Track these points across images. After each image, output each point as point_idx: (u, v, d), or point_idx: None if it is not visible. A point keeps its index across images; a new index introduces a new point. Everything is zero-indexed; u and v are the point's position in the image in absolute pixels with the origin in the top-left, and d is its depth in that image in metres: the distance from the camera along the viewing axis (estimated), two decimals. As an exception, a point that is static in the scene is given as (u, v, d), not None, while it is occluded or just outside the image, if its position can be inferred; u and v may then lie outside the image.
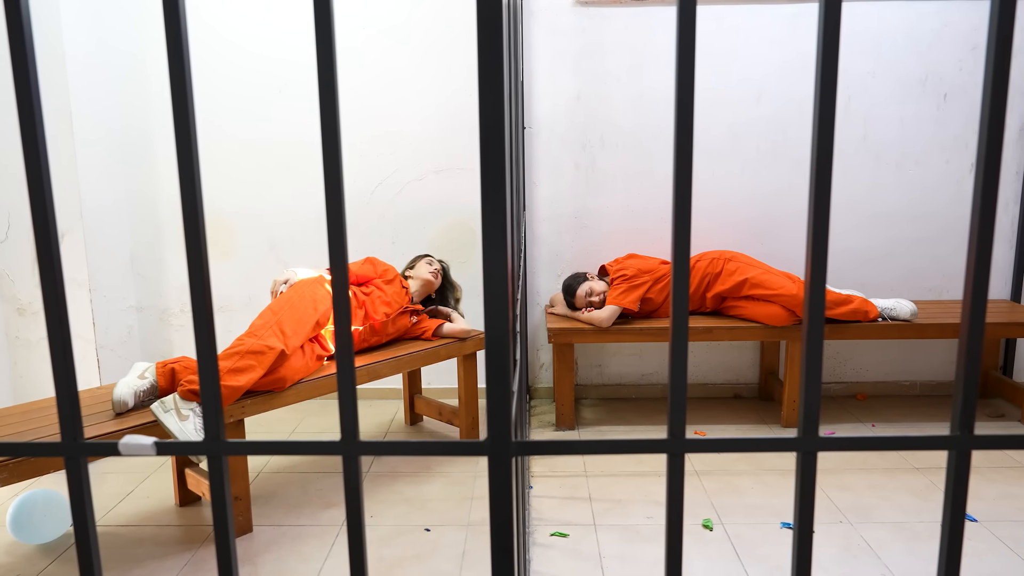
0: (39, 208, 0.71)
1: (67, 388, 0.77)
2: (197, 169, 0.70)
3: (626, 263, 3.17)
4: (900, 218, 3.44)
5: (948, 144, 3.38)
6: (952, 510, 0.77)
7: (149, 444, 0.76)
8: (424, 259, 3.08)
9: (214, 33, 3.32)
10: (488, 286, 0.70)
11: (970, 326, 0.72)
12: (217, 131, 3.39)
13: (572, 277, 3.20)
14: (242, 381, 2.15)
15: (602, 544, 2.20)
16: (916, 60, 3.31)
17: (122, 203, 3.40)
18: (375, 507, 2.46)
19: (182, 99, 0.68)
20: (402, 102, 3.38)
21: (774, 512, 2.39)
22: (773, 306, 3.04)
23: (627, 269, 3.12)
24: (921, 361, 3.58)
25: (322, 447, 0.77)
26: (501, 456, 0.74)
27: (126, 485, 2.65)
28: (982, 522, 2.30)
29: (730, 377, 3.63)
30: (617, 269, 3.15)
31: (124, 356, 3.47)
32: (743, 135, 3.38)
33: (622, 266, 3.15)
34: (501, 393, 0.73)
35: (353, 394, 0.76)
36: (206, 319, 0.75)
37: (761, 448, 0.77)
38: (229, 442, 0.77)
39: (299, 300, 2.46)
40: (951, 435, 0.76)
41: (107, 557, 2.17)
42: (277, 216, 3.47)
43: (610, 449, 0.77)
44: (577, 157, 3.42)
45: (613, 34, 3.31)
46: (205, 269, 0.73)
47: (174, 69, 0.68)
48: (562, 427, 3.19)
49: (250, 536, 2.28)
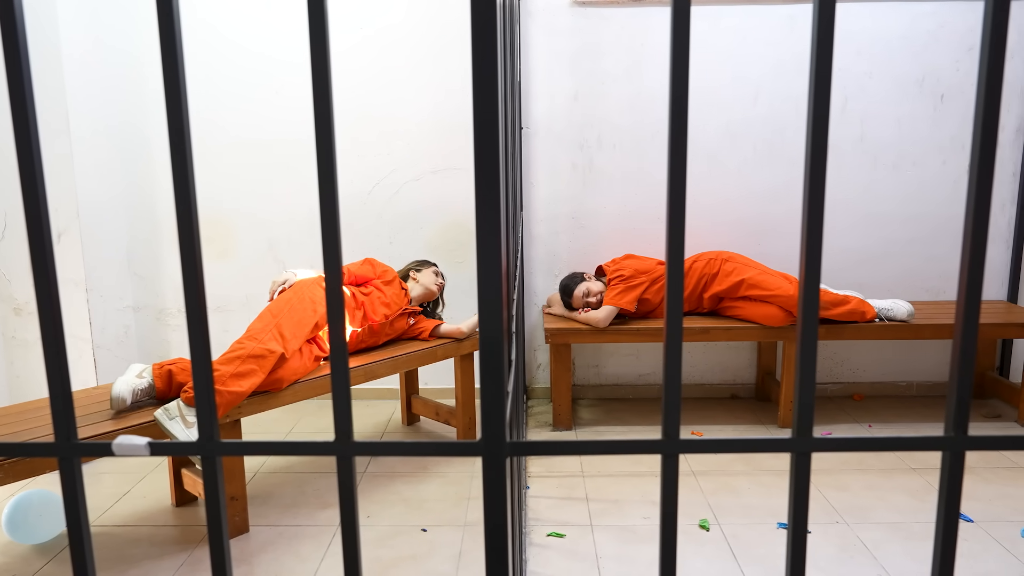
0: (32, 208, 0.71)
1: (61, 388, 0.77)
2: (191, 168, 0.70)
3: (623, 264, 3.17)
4: (897, 218, 3.44)
5: (945, 144, 3.38)
6: (946, 510, 0.77)
7: (143, 444, 0.76)
8: (432, 268, 3.07)
9: (213, 32, 3.31)
10: (483, 288, 0.70)
11: (964, 327, 0.72)
12: (216, 131, 3.39)
13: (569, 277, 3.20)
14: (245, 387, 2.15)
15: (599, 544, 2.20)
16: (913, 61, 3.31)
17: (119, 202, 3.40)
18: (372, 507, 2.46)
19: (176, 98, 0.68)
20: (399, 102, 3.38)
21: (771, 512, 2.39)
22: (770, 306, 3.04)
23: (624, 270, 3.12)
24: (918, 362, 3.58)
25: (316, 447, 0.77)
26: (495, 456, 0.74)
27: (122, 485, 2.64)
28: (978, 523, 2.31)
29: (727, 377, 3.63)
30: (614, 270, 3.15)
31: (121, 356, 3.47)
32: (740, 135, 3.38)
33: (619, 267, 3.15)
34: (496, 393, 0.73)
35: (347, 394, 0.76)
36: (200, 319, 0.75)
37: (755, 449, 0.77)
38: (223, 443, 0.77)
39: (298, 302, 2.45)
40: (945, 436, 0.76)
41: (103, 557, 2.16)
42: (275, 216, 3.47)
43: (605, 450, 0.77)
44: (574, 157, 3.42)
45: (610, 34, 3.31)
46: (199, 271, 0.73)
47: (168, 68, 0.68)
48: (559, 427, 3.19)
49: (246, 536, 2.27)
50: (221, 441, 0.77)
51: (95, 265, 3.30)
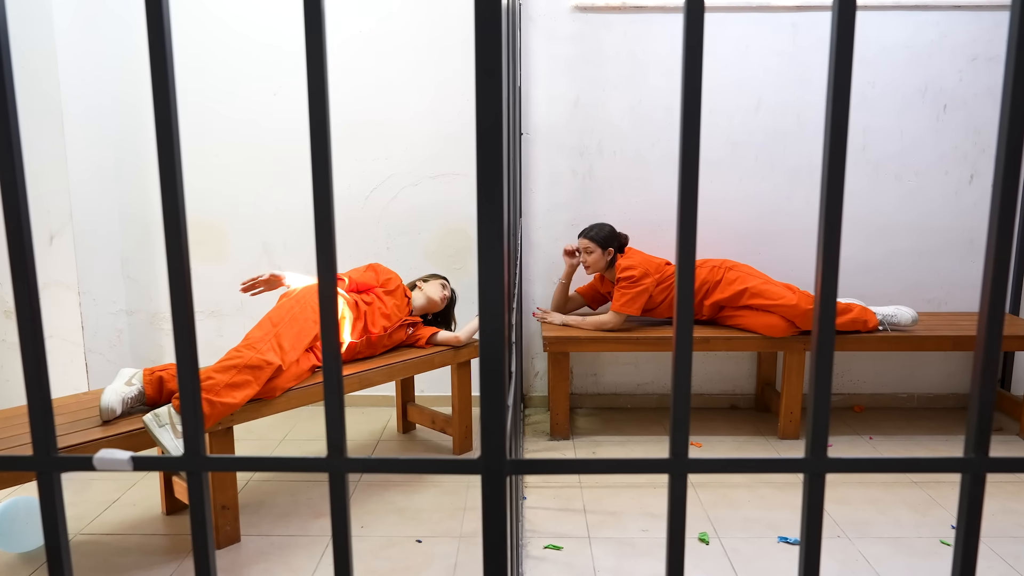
0: (12, 212, 0.68)
1: (40, 400, 0.73)
2: (179, 173, 0.67)
3: (633, 258, 3.11)
4: (899, 229, 3.42)
5: (948, 155, 3.36)
6: (966, 535, 0.74)
7: (125, 459, 0.73)
8: (440, 280, 3.03)
9: (211, 33, 3.28)
10: (484, 302, 0.67)
11: (986, 347, 0.69)
12: (212, 134, 3.35)
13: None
14: (238, 398, 2.11)
15: (596, 558, 2.16)
16: (916, 71, 3.29)
17: (113, 205, 3.36)
18: (366, 517, 2.42)
19: (164, 102, 0.65)
20: (399, 106, 3.35)
21: (771, 525, 2.35)
22: (772, 316, 3.01)
23: (633, 268, 3.06)
24: (919, 373, 3.55)
25: (307, 463, 0.74)
26: (496, 475, 0.71)
27: (112, 492, 2.60)
28: (982, 538, 2.27)
29: (727, 387, 3.60)
30: (624, 267, 3.09)
31: (113, 360, 3.43)
32: (741, 143, 3.35)
33: (629, 264, 3.09)
34: (496, 410, 0.70)
35: (341, 409, 0.73)
36: (187, 332, 0.71)
37: (768, 469, 0.73)
38: (209, 458, 0.73)
39: (300, 311, 2.41)
40: (965, 457, 0.72)
41: (91, 567, 2.12)
42: (271, 220, 3.43)
43: (609, 468, 0.74)
44: (574, 164, 3.39)
45: (612, 40, 3.29)
46: (187, 280, 0.70)
47: (156, 70, 0.65)
48: (556, 437, 3.15)
49: (238, 546, 2.23)
50: (207, 456, 0.73)
51: (88, 268, 3.27)
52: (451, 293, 3.08)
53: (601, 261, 3.14)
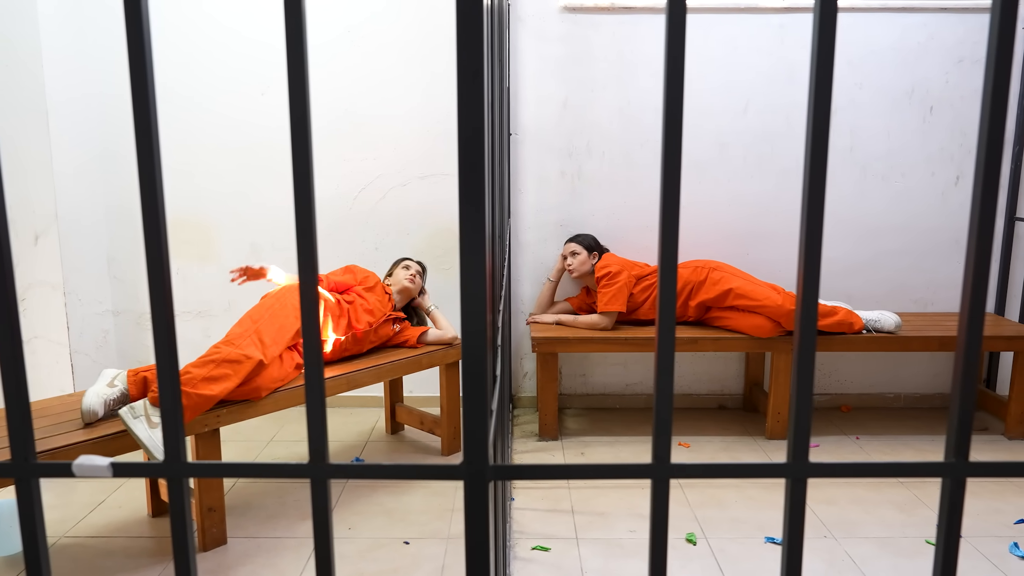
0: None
1: (18, 405, 0.72)
2: (159, 170, 0.66)
3: (610, 259, 3.20)
4: (885, 229, 3.44)
5: (934, 156, 3.38)
6: (946, 539, 0.74)
7: (105, 466, 0.72)
8: (401, 264, 3.03)
9: (197, 32, 3.26)
10: (466, 306, 0.66)
11: (965, 354, 0.69)
12: (199, 133, 3.33)
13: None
14: (216, 391, 2.10)
15: (584, 559, 2.16)
16: (902, 72, 3.31)
17: (99, 204, 3.33)
18: (353, 519, 2.41)
19: (143, 99, 0.64)
20: (386, 105, 3.34)
21: (758, 526, 2.36)
22: (758, 317, 3.02)
23: (610, 266, 3.15)
24: (905, 373, 3.58)
25: (289, 470, 0.73)
26: (478, 481, 0.71)
27: (98, 494, 2.58)
28: (966, 537, 2.29)
29: (715, 388, 3.61)
30: (602, 267, 3.16)
31: (99, 361, 3.40)
32: (729, 144, 3.36)
33: (605, 263, 3.17)
34: (479, 415, 0.70)
35: (323, 414, 0.72)
36: (167, 332, 0.71)
37: (749, 474, 0.74)
38: (190, 464, 0.73)
39: (280, 308, 2.41)
40: (946, 462, 0.73)
41: (75, 570, 2.10)
42: (259, 219, 3.41)
43: (593, 474, 0.74)
44: (563, 164, 3.39)
45: (600, 41, 3.29)
46: (167, 278, 0.69)
47: (135, 71, 0.64)
48: (545, 437, 3.15)
49: (224, 548, 2.22)
50: (188, 462, 0.73)
51: (74, 268, 3.24)
52: (416, 265, 3.03)
53: (587, 264, 3.21)
